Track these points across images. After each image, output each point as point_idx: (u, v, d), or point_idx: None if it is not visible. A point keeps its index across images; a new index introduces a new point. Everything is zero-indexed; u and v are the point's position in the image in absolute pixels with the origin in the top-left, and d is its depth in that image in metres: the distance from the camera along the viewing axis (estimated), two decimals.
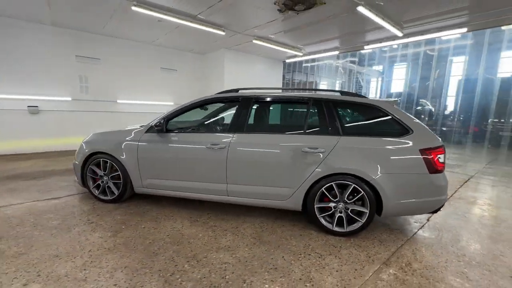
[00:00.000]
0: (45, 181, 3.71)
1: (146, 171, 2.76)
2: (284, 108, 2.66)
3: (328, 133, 2.37)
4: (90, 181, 2.97)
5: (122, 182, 2.83)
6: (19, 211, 2.66)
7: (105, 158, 2.85)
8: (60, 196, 3.14)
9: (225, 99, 2.79)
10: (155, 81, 7.19)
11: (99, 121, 6.44)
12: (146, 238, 2.22)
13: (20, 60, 5.31)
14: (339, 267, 1.92)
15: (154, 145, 2.73)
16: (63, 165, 4.70)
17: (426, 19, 4.48)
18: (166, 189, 2.77)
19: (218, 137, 2.58)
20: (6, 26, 5.06)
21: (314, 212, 2.37)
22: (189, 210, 2.84)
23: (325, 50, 6.74)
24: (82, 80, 6.07)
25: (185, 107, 2.80)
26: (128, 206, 2.89)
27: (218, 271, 1.82)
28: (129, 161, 2.77)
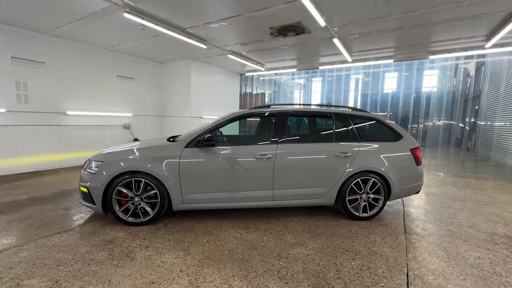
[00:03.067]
0: (28, 214, 2.96)
1: (189, 186, 2.74)
2: (312, 121, 3.18)
3: (351, 140, 3.04)
4: (116, 205, 2.67)
5: (160, 201, 2.70)
6: (35, 252, 2.18)
7: (139, 177, 2.65)
8: (71, 227, 2.66)
9: (262, 113, 3.08)
10: (111, 90, 6.41)
11: (45, 137, 5.28)
12: (221, 250, 2.29)
13: None
14: (382, 239, 2.56)
15: (198, 160, 2.75)
16: (19, 193, 3.73)
17: (368, 51, 5.92)
18: (210, 202, 2.82)
19: (264, 148, 2.86)
20: None
21: (346, 204, 2.97)
22: (231, 220, 2.95)
23: (284, 67, 7.65)
24: (20, 87, 4.88)
25: (225, 120, 2.94)
26: (166, 226, 2.76)
27: (310, 261, 2.15)
28: (170, 178, 2.68)
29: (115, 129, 6.60)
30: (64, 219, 2.88)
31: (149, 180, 2.66)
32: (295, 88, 20.04)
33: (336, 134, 3.07)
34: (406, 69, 15.56)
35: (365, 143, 3.06)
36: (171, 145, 2.81)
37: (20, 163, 5.00)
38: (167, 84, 7.54)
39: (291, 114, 3.07)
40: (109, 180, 2.62)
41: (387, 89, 16.72)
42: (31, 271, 1.91)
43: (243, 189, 2.84)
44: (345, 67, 15.53)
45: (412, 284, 1.89)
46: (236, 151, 2.84)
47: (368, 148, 3.04)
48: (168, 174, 2.68)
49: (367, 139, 3.13)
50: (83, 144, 5.92)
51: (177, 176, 2.71)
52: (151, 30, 4.65)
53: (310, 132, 3.11)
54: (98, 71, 6.10)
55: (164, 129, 7.74)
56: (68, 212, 3.08)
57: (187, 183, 2.73)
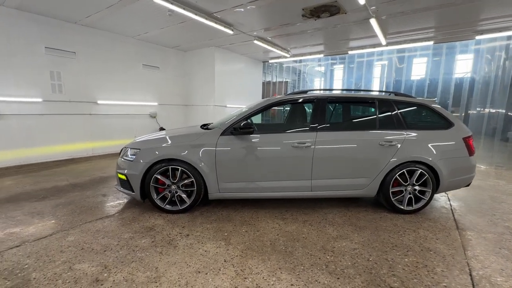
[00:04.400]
0: (70, 200, 3.07)
1: (225, 175, 2.68)
2: (353, 107, 2.97)
3: (396, 128, 2.81)
4: (154, 192, 2.67)
5: (196, 190, 2.66)
6: (81, 236, 2.22)
7: (175, 165, 2.61)
8: (111, 213, 2.71)
9: (299, 99, 2.91)
10: (137, 79, 6.48)
11: (78, 126, 5.46)
12: (262, 241, 2.22)
13: None
14: (433, 235, 2.37)
15: (234, 148, 2.66)
16: (59, 179, 3.89)
17: (405, 32, 5.45)
18: (246, 192, 2.74)
19: (303, 135, 2.71)
20: None
21: (389, 196, 2.78)
22: (267, 210, 2.88)
23: (310, 53, 7.32)
24: (54, 77, 5.03)
25: (261, 107, 2.81)
26: (202, 214, 2.73)
27: (358, 256, 2.02)
28: (206, 166, 2.63)
29: (142, 118, 6.71)
30: (103, 205, 2.94)
31: (185, 168, 2.62)
32: (315, 76, 19.44)
33: (380, 121, 2.85)
34: (435, 54, 14.48)
35: (412, 131, 2.81)
36: (206, 133, 2.75)
37: (56, 151, 5.22)
38: (190, 73, 7.50)
39: (330, 100, 2.88)
40: (147, 167, 2.62)
41: (414, 76, 15.74)
42: (81, 255, 1.94)
43: (280, 178, 2.73)
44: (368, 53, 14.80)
45: (478, 285, 1.71)
46: (273, 139, 2.72)
47: (415, 136, 2.79)
48: (204, 162, 2.63)
49: (414, 127, 2.87)
50: (113, 132, 6.07)
51: (213, 165, 2.65)
52: (178, 16, 4.55)
53: (351, 119, 2.92)
54: (125, 60, 6.16)
55: (188, 118, 7.78)
56: (107, 198, 3.15)
57: (223, 172, 2.67)
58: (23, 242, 2.10)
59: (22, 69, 4.61)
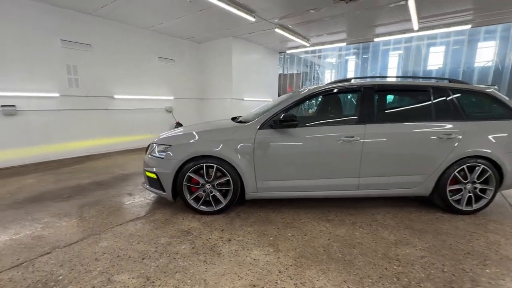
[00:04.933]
0: (95, 199, 2.90)
1: (264, 173, 2.44)
2: (404, 96, 2.67)
3: (454, 119, 2.49)
4: (187, 192, 2.46)
5: (233, 189, 2.43)
6: (115, 241, 2.03)
7: (210, 162, 2.39)
8: (141, 215, 2.51)
9: (344, 88, 2.62)
10: (153, 72, 6.26)
11: (94, 122, 5.30)
12: (313, 247, 1.98)
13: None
14: (507, 240, 2.08)
15: (274, 143, 2.41)
16: (81, 177, 3.74)
17: (440, 16, 5.03)
18: (287, 191, 2.50)
19: (350, 129, 2.43)
20: None
21: (447, 195, 2.49)
22: (307, 210, 2.63)
23: (331, 41, 6.93)
24: (71, 71, 4.85)
25: (302, 98, 2.54)
26: (239, 216, 2.51)
27: (429, 266, 1.76)
28: (243, 163, 2.39)
29: (158, 113, 6.52)
30: (131, 205, 2.76)
31: (221, 165, 2.39)
32: (327, 68, 18.87)
33: (436, 111, 2.54)
34: (455, 43, 13.72)
35: (472, 122, 2.50)
36: (243, 127, 2.50)
37: (74, 147, 5.08)
38: (206, 65, 7.23)
39: (378, 89, 2.58)
40: (180, 165, 2.40)
41: (431, 65, 15.02)
42: (118, 264, 1.75)
43: (324, 176, 2.47)
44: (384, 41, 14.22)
45: None
46: (317, 133, 2.45)
47: (476, 128, 2.48)
48: (241, 159, 2.39)
49: (474, 117, 2.55)
50: (129, 128, 5.91)
51: (252, 161, 2.41)
52: (198, 3, 4.26)
53: (403, 109, 2.62)
54: (141, 53, 5.93)
55: (203, 113, 7.55)
56: (133, 198, 2.96)
57: (262, 169, 2.43)
58: (54, 248, 1.93)
59: (38, 62, 4.44)
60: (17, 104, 4.27)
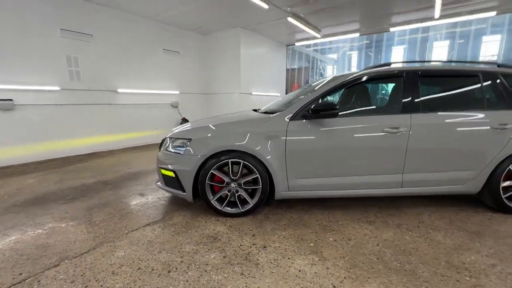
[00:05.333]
0: (104, 201, 2.61)
1: (296, 169, 2.16)
2: (452, 82, 2.39)
3: (509, 108, 2.22)
4: (210, 192, 2.18)
5: (261, 188, 2.16)
6: (133, 250, 1.75)
7: (236, 158, 2.11)
8: (157, 218, 2.23)
9: (385, 74, 2.34)
10: (157, 65, 5.94)
11: (98, 117, 5.00)
12: (364, 254, 1.72)
13: None
14: None
15: (308, 136, 2.13)
16: (85, 176, 3.45)
17: (464, 2, 4.75)
18: (322, 189, 2.23)
19: (394, 119, 2.16)
20: None
21: (500, 193, 2.22)
22: (342, 210, 2.36)
23: (343, 32, 6.63)
24: (71, 63, 4.54)
25: (334, 86, 2.25)
26: (268, 218, 2.24)
27: (506, 275, 1.50)
28: (273, 158, 2.11)
29: (163, 108, 6.22)
30: (145, 207, 2.48)
31: (248, 161, 2.11)
32: (328, 64, 18.57)
33: (487, 99, 2.26)
34: (461, 36, 13.40)
35: None
36: (272, 118, 2.21)
37: (76, 145, 4.78)
38: (212, 58, 6.91)
39: (423, 74, 2.29)
40: (202, 161, 2.12)
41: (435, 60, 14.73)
42: (140, 279, 1.47)
43: (364, 173, 2.20)
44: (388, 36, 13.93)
45: None
46: (357, 124, 2.17)
47: None
48: (271, 153, 2.11)
49: None
50: (134, 124, 5.61)
51: (283, 157, 2.13)
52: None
53: (452, 97, 2.35)
54: (145, 45, 5.61)
55: (210, 108, 7.25)
56: (146, 199, 2.68)
57: (294, 166, 2.15)
58: (62, 260, 1.65)
59: (37, 54, 4.12)
60: (14, 98, 3.96)
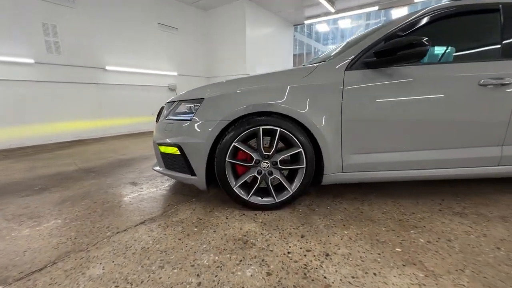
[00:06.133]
0: (83, 191, 1.94)
1: (356, 141, 1.51)
2: None
3: None
4: (231, 175, 1.52)
5: (306, 168, 1.50)
6: (114, 267, 1.09)
7: (270, 124, 1.45)
8: (155, 213, 1.57)
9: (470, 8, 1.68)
10: (153, 41, 5.22)
11: (83, 98, 4.28)
12: (486, 264, 1.08)
13: None
14: None
15: (375, 92, 1.48)
16: (64, 164, 2.76)
17: None
18: (388, 169, 1.58)
19: (495, 67, 1.51)
20: None
21: None
22: (411, 199, 1.72)
23: (359, 6, 5.96)
24: (48, 32, 3.80)
25: (406, 23, 1.59)
26: (313, 210, 1.59)
27: None
28: (323, 124, 1.46)
29: (160, 92, 5.51)
30: (138, 199, 1.81)
31: (287, 129, 1.46)
32: None
33: None
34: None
35: None
36: (321, 67, 1.54)
37: (59, 130, 4.07)
38: (214, 36, 6.19)
39: None
40: (220, 130, 1.45)
41: None
42: None
43: (449, 145, 1.56)
44: None
45: None
46: (443, 74, 1.52)
47: None
48: (321, 117, 1.46)
49: None
50: (127, 108, 4.90)
51: (337, 122, 1.47)
52: None
53: None
54: (137, 16, 4.87)
55: None
56: (140, 188, 2.01)
57: (353, 135, 1.49)
58: (3, 283, 0.98)
59: (4, 17, 3.38)
60: None
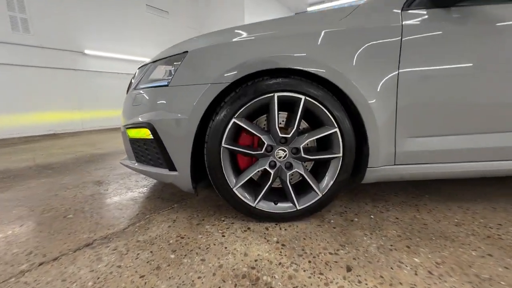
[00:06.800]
0: (23, 194, 1.41)
1: (418, 117, 1.00)
2: None
3: None
4: (230, 169, 1.01)
5: (344, 158, 1.00)
6: None
7: (289, 89, 0.94)
8: (119, 227, 1.04)
9: None
10: (139, 25, 4.68)
11: (58, 86, 3.73)
12: None
13: None
14: None
15: (446, 41, 0.97)
16: (19, 159, 2.23)
17: None
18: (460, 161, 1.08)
19: None
20: None
21: None
22: (471, 202, 1.23)
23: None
24: (14, 6, 3.24)
25: None
26: (352, 222, 1.08)
27: None
28: (372, 92, 0.95)
29: None
30: (99, 205, 1.28)
31: (317, 98, 0.95)
32: None
33: None
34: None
35: None
36: (363, 6, 1.04)
37: (28, 122, 3.51)
38: (210, 23, 5.67)
39: None
40: (213, 98, 0.94)
41: None
42: None
43: None
44: None
45: None
46: None
47: None
48: (368, 80, 0.95)
49: None
50: (110, 99, 4.35)
51: (392, 88, 0.97)
52: None
53: None
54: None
55: None
56: (105, 189, 1.48)
57: (414, 108, 0.99)
58: None
59: None
60: None
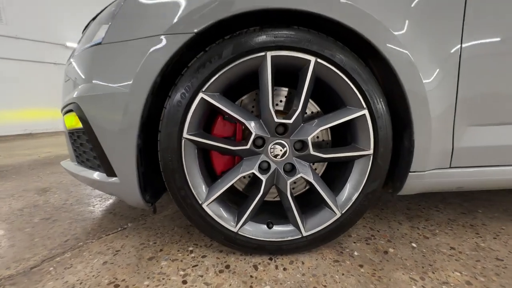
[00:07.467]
0: None
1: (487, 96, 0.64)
2: None
3: None
4: (197, 173, 0.64)
5: (375, 157, 0.63)
6: None
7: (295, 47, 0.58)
8: (53, 250, 0.68)
9: None
10: None
11: (36, 82, 3.39)
12: None
13: None
14: None
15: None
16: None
17: None
18: None
19: None
20: None
21: None
22: None
23: None
24: None
25: None
26: (385, 253, 0.70)
27: None
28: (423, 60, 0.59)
29: None
30: (15, 226, 0.92)
31: (335, 61, 0.59)
32: None
33: None
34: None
35: None
36: None
37: (2, 121, 3.16)
38: None
39: None
40: (168, 58, 0.58)
41: None
42: None
43: None
44: None
45: None
46: None
47: None
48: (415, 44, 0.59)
49: None
50: None
51: (453, 57, 0.61)
52: None
53: None
54: None
55: None
56: (46, 200, 1.11)
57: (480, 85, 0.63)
58: None
59: None
60: None
